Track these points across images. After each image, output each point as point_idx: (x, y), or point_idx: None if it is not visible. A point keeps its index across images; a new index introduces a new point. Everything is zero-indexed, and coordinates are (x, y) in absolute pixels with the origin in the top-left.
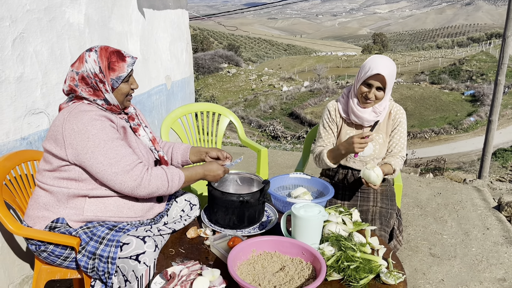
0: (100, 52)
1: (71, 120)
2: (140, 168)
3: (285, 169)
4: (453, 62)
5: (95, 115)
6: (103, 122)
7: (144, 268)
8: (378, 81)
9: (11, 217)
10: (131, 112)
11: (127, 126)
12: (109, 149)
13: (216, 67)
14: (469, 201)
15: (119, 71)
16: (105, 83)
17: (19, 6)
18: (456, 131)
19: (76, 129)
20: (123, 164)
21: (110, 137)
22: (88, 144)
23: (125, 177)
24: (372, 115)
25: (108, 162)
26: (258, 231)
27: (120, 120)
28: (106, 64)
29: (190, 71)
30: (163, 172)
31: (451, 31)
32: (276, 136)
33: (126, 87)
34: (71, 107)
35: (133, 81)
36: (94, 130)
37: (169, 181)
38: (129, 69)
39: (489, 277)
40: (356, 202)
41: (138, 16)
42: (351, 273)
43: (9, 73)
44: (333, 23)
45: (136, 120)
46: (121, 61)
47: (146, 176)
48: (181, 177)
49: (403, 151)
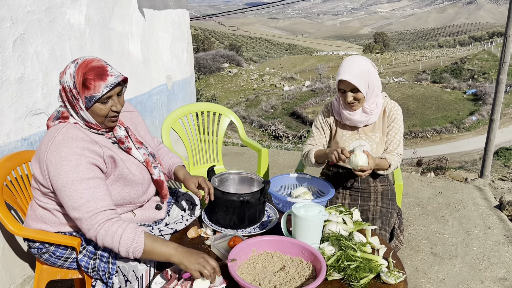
0: (79, 66)
1: (52, 149)
2: (98, 219)
3: (286, 169)
4: (454, 61)
5: (76, 147)
6: (81, 157)
7: (145, 268)
8: (347, 86)
9: (11, 218)
10: (119, 135)
11: (115, 154)
12: (74, 191)
13: (217, 67)
14: (470, 200)
15: (93, 91)
16: (79, 100)
17: (19, 7)
18: (458, 130)
19: (54, 162)
20: (84, 211)
21: (80, 177)
22: (58, 182)
23: (82, 224)
24: (363, 116)
25: (71, 206)
26: (258, 230)
27: (107, 150)
28: (80, 80)
29: (191, 71)
30: (119, 233)
31: (453, 30)
32: (278, 135)
33: (104, 108)
34: (57, 130)
35: (116, 102)
36: (67, 167)
37: (120, 245)
38: (105, 90)
39: (490, 276)
40: (356, 201)
41: (139, 17)
42: (352, 273)
43: (10, 73)
44: (335, 23)
45: (125, 143)
46: (98, 79)
47: (100, 231)
48: (138, 245)
49: (399, 148)
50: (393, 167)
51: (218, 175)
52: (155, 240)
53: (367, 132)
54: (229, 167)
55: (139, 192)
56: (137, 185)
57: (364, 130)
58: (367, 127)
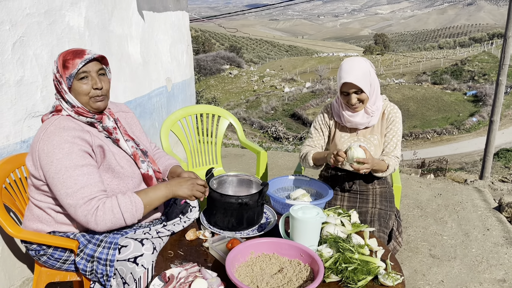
0: (61, 53)
1: (44, 139)
2: (92, 204)
3: (286, 171)
4: (455, 62)
5: (67, 136)
6: (72, 145)
7: (142, 270)
8: (351, 88)
9: (10, 220)
10: (107, 126)
11: (105, 144)
12: (67, 178)
13: (217, 68)
14: (469, 202)
15: (72, 68)
16: (62, 82)
17: (19, 10)
18: (458, 132)
19: (46, 150)
20: (78, 197)
21: (73, 164)
22: (50, 169)
23: (77, 211)
24: (364, 117)
25: (65, 192)
26: (256, 233)
27: (97, 139)
28: (61, 62)
29: (190, 73)
30: (116, 204)
31: (453, 32)
32: (278, 137)
33: (84, 86)
34: (50, 122)
35: (96, 81)
36: (59, 155)
37: (122, 212)
38: (80, 65)
39: (489, 278)
40: (355, 203)
41: (138, 19)
42: (349, 275)
43: (9, 76)
44: (335, 24)
45: (113, 135)
46: (75, 58)
47: (97, 213)
48: (137, 204)
49: (396, 151)
50: (391, 168)
51: (216, 177)
52: (146, 191)
53: (366, 135)
54: (228, 169)
55: (129, 186)
56: (127, 178)
57: (363, 132)
58: (366, 130)
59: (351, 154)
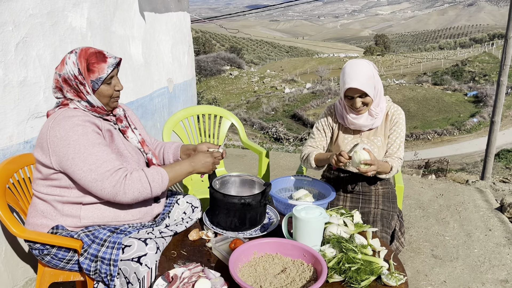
0: (80, 54)
1: (54, 127)
2: (120, 174)
3: (287, 171)
4: (455, 63)
5: (78, 120)
6: (85, 127)
7: (146, 270)
8: (355, 92)
9: (14, 220)
10: (118, 114)
11: (113, 129)
12: (89, 155)
13: (218, 69)
14: (471, 203)
15: (98, 73)
16: (85, 85)
17: (22, 10)
18: (459, 132)
19: (59, 136)
20: (102, 170)
21: (91, 143)
22: (68, 151)
23: (104, 184)
24: (368, 120)
25: (88, 168)
26: (259, 233)
27: (106, 124)
28: (85, 65)
29: (192, 73)
30: (143, 175)
31: (453, 32)
32: (279, 138)
33: (109, 89)
34: (56, 113)
35: (117, 82)
36: (75, 136)
37: (150, 182)
38: (109, 70)
39: (491, 279)
40: (357, 204)
41: (140, 20)
42: (352, 275)
43: (12, 77)
44: (335, 25)
45: (124, 122)
46: (101, 62)
47: (124, 182)
48: (163, 176)
49: (399, 152)
50: (395, 170)
51: (219, 177)
52: (171, 166)
53: (369, 136)
54: (230, 169)
55: None
56: (134, 163)
57: (366, 134)
58: (370, 131)
59: (357, 157)
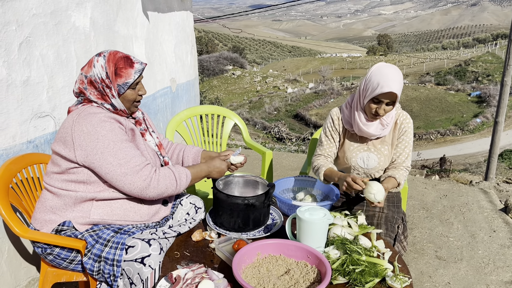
0: (108, 58)
1: (80, 122)
2: (149, 169)
3: (290, 171)
4: (458, 63)
5: (104, 116)
6: (112, 123)
7: (149, 271)
8: (389, 98)
9: (17, 220)
10: (138, 117)
11: (135, 129)
12: (118, 150)
13: (221, 69)
14: (475, 203)
15: (125, 78)
16: (112, 88)
17: (25, 10)
18: (462, 133)
19: (86, 131)
20: (132, 165)
21: (119, 139)
22: (97, 145)
23: (134, 178)
24: (378, 128)
25: (118, 163)
26: (263, 234)
27: (129, 123)
28: (113, 70)
29: (195, 73)
30: (170, 171)
31: (457, 32)
32: (281, 137)
33: (133, 93)
34: (80, 110)
35: (141, 87)
36: (103, 131)
37: (177, 179)
38: (136, 76)
39: (495, 280)
40: (361, 206)
41: (143, 19)
42: (357, 277)
43: (16, 76)
44: (338, 25)
45: (143, 125)
46: (128, 67)
47: (155, 176)
48: (188, 175)
49: (408, 161)
50: (402, 185)
51: (222, 178)
52: (192, 167)
53: (376, 145)
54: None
55: None
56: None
57: (373, 142)
58: (377, 140)
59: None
